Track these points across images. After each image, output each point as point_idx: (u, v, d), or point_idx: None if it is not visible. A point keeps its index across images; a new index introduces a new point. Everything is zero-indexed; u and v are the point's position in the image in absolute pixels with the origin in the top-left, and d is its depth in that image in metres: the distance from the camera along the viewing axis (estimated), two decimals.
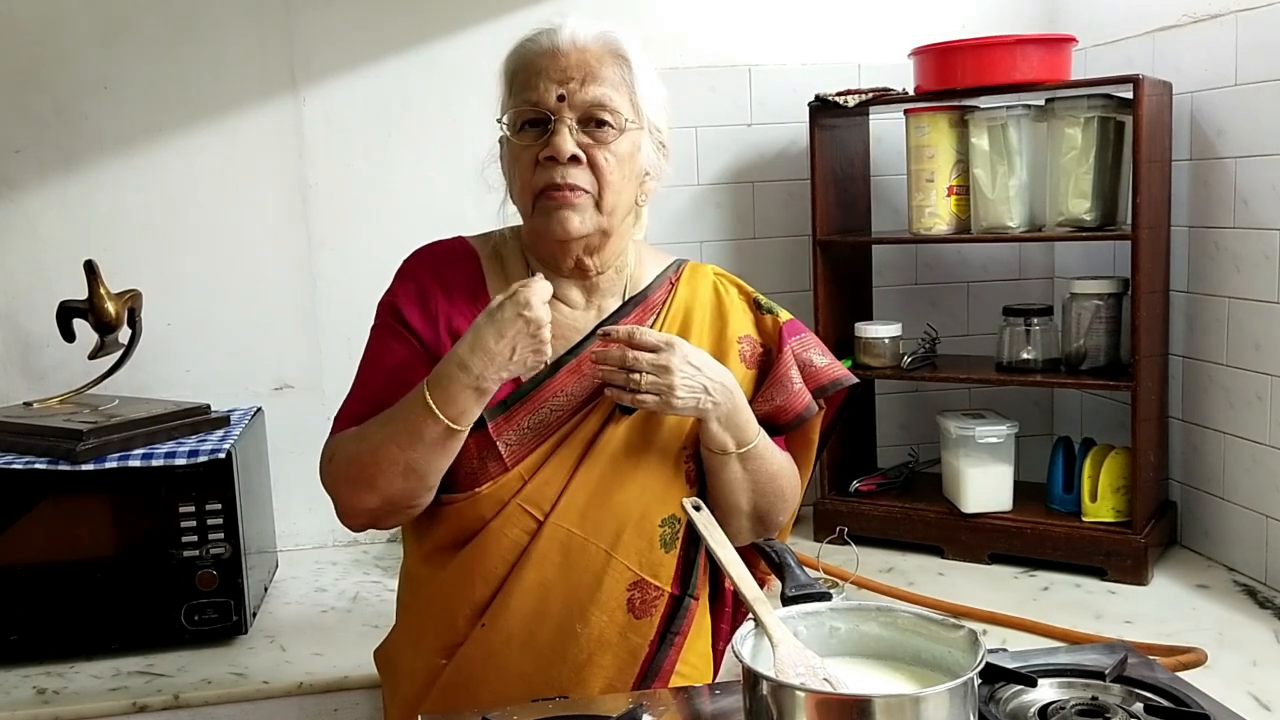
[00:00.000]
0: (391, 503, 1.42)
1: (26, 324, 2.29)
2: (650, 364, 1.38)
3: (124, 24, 2.28)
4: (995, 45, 2.17)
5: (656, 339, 1.40)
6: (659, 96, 1.48)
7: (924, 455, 2.55)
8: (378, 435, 1.40)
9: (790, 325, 1.58)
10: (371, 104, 2.39)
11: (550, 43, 1.42)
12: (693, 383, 1.39)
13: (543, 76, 1.41)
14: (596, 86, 1.40)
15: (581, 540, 1.44)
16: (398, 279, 1.54)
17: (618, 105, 1.41)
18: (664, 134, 1.50)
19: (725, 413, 1.43)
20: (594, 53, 1.42)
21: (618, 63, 1.43)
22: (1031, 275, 2.67)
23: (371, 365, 1.50)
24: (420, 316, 1.48)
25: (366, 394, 1.48)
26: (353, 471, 1.42)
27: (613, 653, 1.46)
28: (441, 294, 1.50)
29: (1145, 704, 1.20)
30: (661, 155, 1.50)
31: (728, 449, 1.45)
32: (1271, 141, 1.98)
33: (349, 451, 1.43)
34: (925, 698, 1.03)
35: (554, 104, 1.40)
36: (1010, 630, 1.90)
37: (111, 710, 1.78)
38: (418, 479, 1.39)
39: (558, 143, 1.39)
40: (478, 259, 1.54)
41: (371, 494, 1.41)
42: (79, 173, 2.29)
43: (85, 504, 1.91)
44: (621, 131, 1.42)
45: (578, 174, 1.40)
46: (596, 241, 1.47)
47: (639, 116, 1.44)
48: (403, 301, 1.50)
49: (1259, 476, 2.07)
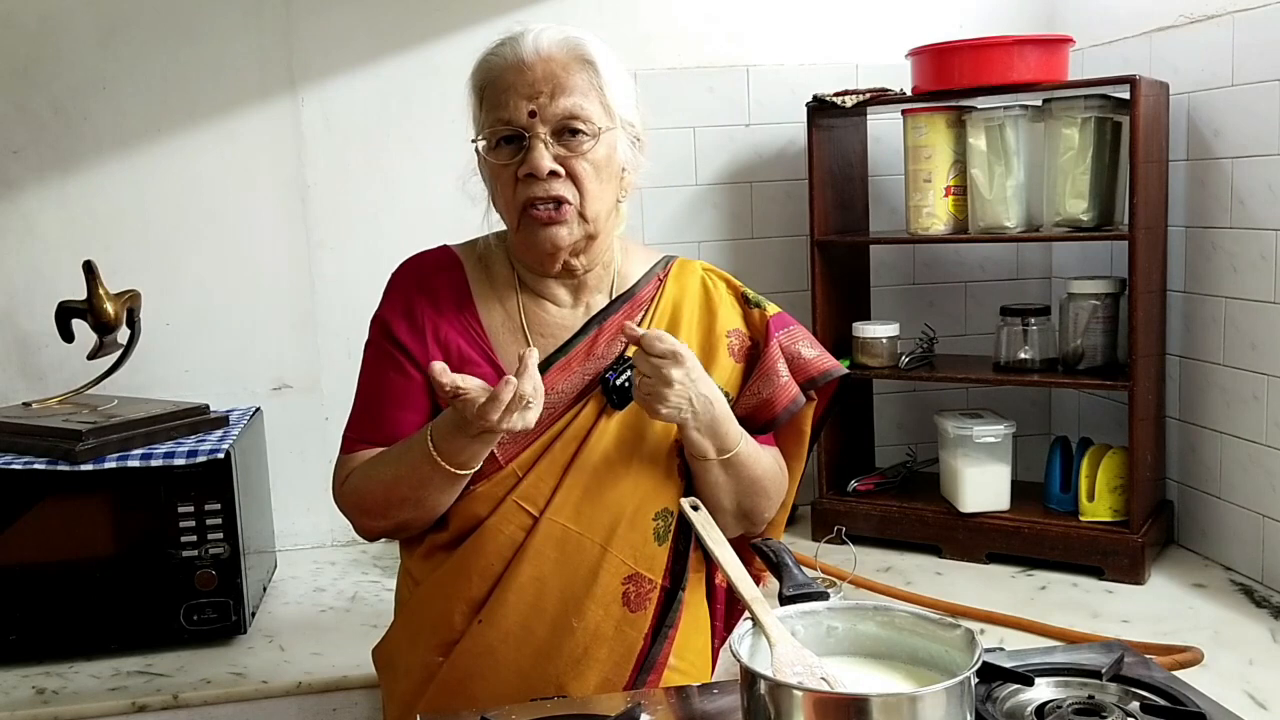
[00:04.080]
0: (403, 527, 1.50)
1: (25, 324, 2.30)
2: (654, 369, 1.39)
3: (123, 24, 2.28)
4: (993, 46, 2.17)
5: (665, 348, 1.39)
6: (628, 92, 1.49)
7: (922, 455, 2.56)
8: (388, 473, 1.45)
9: (778, 318, 1.58)
10: (370, 105, 2.39)
11: (515, 55, 1.42)
12: (681, 395, 1.40)
13: (512, 93, 1.41)
14: (566, 98, 1.41)
15: (576, 535, 1.45)
16: (386, 294, 1.56)
17: (589, 112, 1.42)
18: (637, 128, 1.50)
19: (704, 422, 1.44)
20: (559, 61, 1.42)
21: (584, 68, 1.43)
22: (1029, 275, 2.67)
23: (369, 385, 1.54)
24: (408, 330, 1.51)
25: (368, 414, 1.53)
26: (365, 504, 1.49)
27: (608, 646, 1.47)
28: (428, 305, 1.52)
29: (1142, 703, 1.20)
30: (637, 150, 1.51)
31: (708, 455, 1.46)
32: (1268, 142, 1.99)
33: (360, 485, 1.49)
34: (922, 697, 1.04)
35: (526, 120, 1.41)
36: (1007, 629, 1.91)
37: (111, 710, 1.78)
38: (428, 510, 1.46)
39: (534, 160, 1.40)
40: (462, 267, 1.56)
41: (384, 521, 1.50)
42: (78, 173, 2.30)
43: (84, 504, 1.91)
44: (596, 138, 1.43)
45: (559, 186, 1.42)
46: (583, 245, 1.48)
47: (611, 118, 1.45)
48: (391, 317, 1.53)
49: (1256, 476, 2.07)
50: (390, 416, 1.50)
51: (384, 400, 1.51)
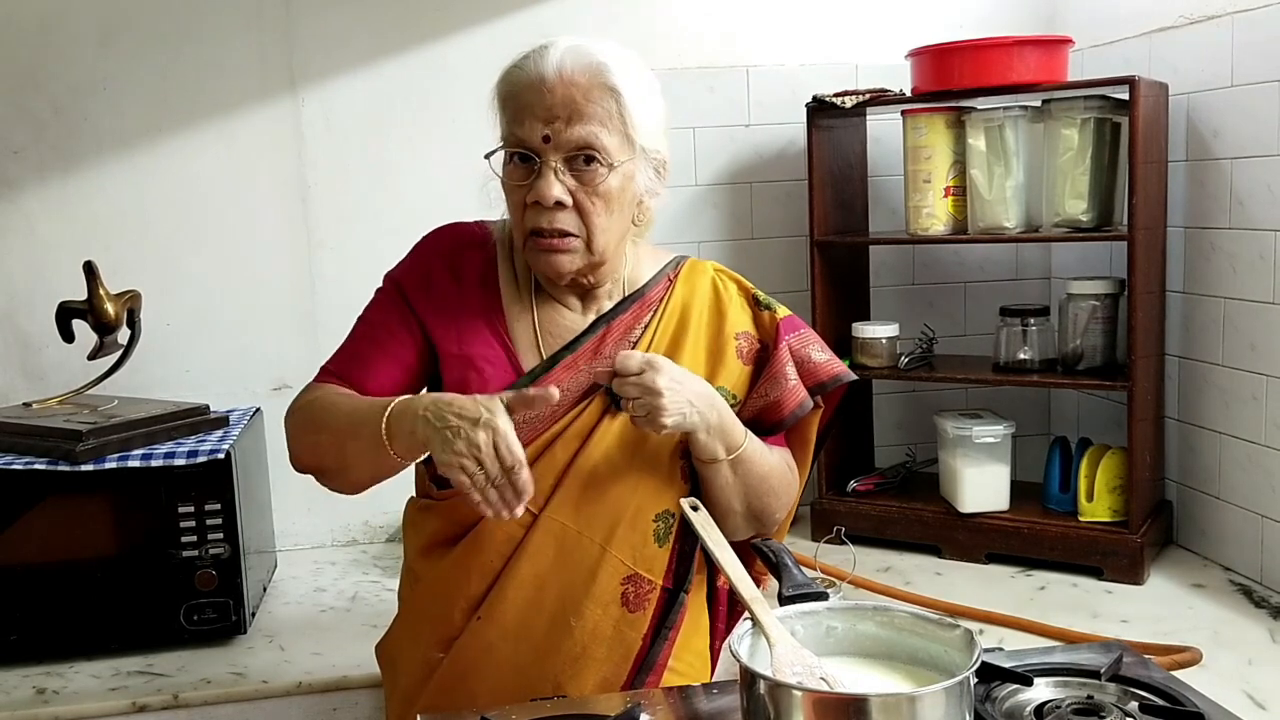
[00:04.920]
0: (323, 472, 1.50)
1: (26, 324, 2.30)
2: (636, 386, 1.38)
3: (123, 24, 2.28)
4: (992, 46, 2.17)
5: (637, 362, 1.39)
6: (656, 117, 1.45)
7: (921, 455, 2.56)
8: (339, 420, 1.44)
9: (788, 321, 1.58)
10: (370, 105, 2.39)
11: (537, 72, 1.39)
12: (678, 399, 1.39)
13: (529, 114, 1.39)
14: (583, 126, 1.38)
15: (576, 534, 1.45)
16: (410, 255, 1.57)
17: (605, 143, 1.39)
18: (663, 153, 1.47)
19: (712, 422, 1.44)
20: (581, 87, 1.38)
21: (607, 95, 1.39)
22: (1028, 276, 2.67)
23: (363, 327, 1.55)
24: (423, 297, 1.51)
25: (351, 352, 1.54)
26: (301, 432, 1.50)
27: (607, 646, 1.47)
28: (451, 277, 1.52)
29: (1141, 703, 1.20)
30: (659, 176, 1.48)
31: (718, 456, 1.46)
32: (1267, 142, 1.99)
33: (309, 414, 1.48)
34: (921, 697, 1.04)
35: (539, 144, 1.39)
36: (1007, 629, 1.91)
37: (111, 710, 1.78)
38: (351, 470, 1.46)
39: (542, 188, 1.39)
40: (495, 246, 1.56)
41: (309, 458, 1.50)
42: (78, 173, 2.30)
43: (85, 504, 1.91)
44: (610, 169, 1.40)
45: (565, 218, 1.41)
46: (588, 270, 1.48)
47: (631, 148, 1.42)
48: (408, 279, 1.53)
49: (1255, 476, 2.08)
50: (372, 361, 1.50)
51: (371, 345, 1.51)
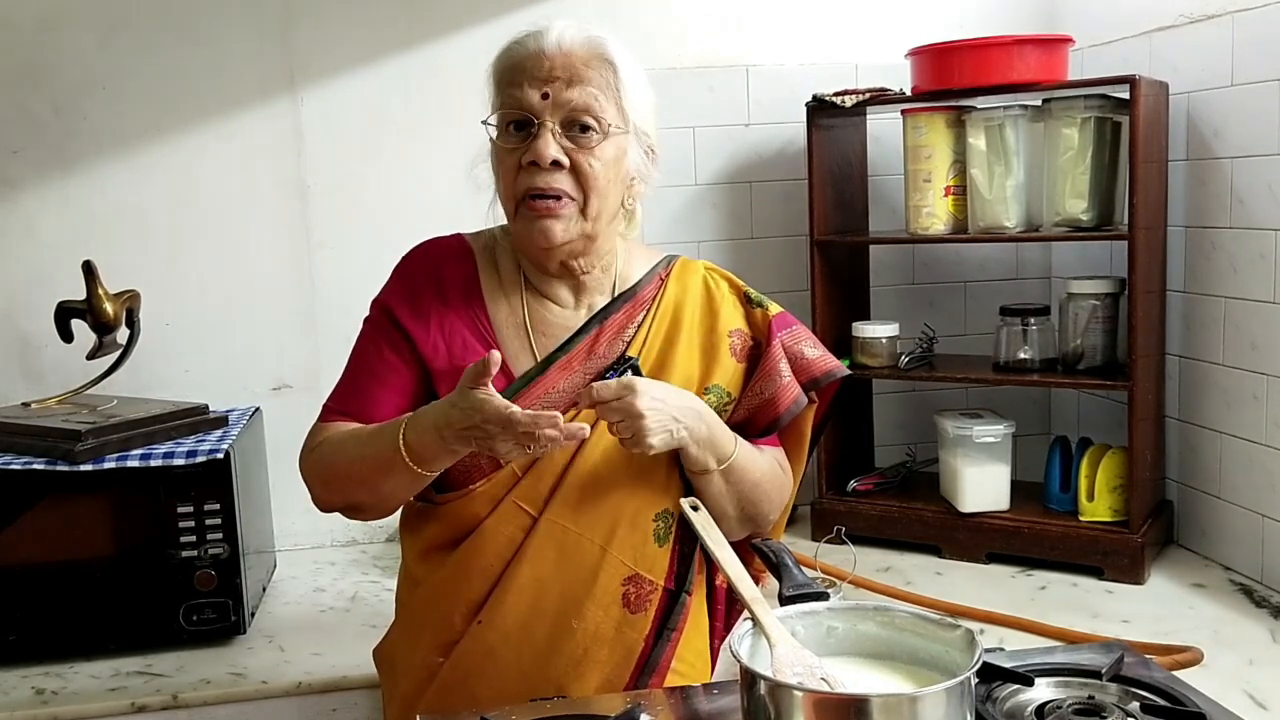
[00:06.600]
0: (357, 508, 1.50)
1: (25, 324, 2.29)
2: (618, 411, 1.37)
3: (123, 24, 2.28)
4: (992, 46, 2.17)
5: (611, 390, 1.38)
6: (648, 101, 1.48)
7: (921, 455, 2.56)
8: (354, 452, 1.45)
9: (780, 318, 1.58)
10: (370, 105, 2.39)
11: (536, 45, 1.42)
12: (661, 417, 1.38)
13: (526, 77, 1.41)
14: (581, 88, 1.40)
15: (576, 536, 1.45)
16: (393, 277, 1.56)
17: (602, 109, 1.41)
18: (652, 138, 1.50)
19: (700, 435, 1.43)
20: (580, 56, 1.42)
21: (604, 67, 1.42)
22: (1028, 275, 2.67)
23: (358, 360, 1.55)
24: (410, 315, 1.50)
25: (351, 387, 1.53)
26: (325, 476, 1.49)
27: (609, 648, 1.46)
28: (434, 293, 1.51)
29: (1142, 703, 1.20)
30: (649, 160, 1.50)
31: (709, 467, 1.46)
32: (1268, 141, 1.99)
33: (325, 457, 1.48)
34: (922, 697, 1.04)
35: (537, 103, 1.40)
36: (1007, 629, 1.91)
37: (110, 710, 1.78)
38: (383, 497, 1.46)
39: (539, 147, 1.40)
40: (474, 258, 1.55)
41: (339, 498, 1.50)
42: (77, 173, 2.29)
43: (84, 504, 1.91)
44: (606, 136, 1.42)
45: (560, 179, 1.41)
46: (580, 246, 1.48)
47: (625, 121, 1.44)
48: (394, 299, 1.52)
49: (1255, 476, 2.07)
50: (373, 394, 1.50)
51: (370, 377, 1.51)
